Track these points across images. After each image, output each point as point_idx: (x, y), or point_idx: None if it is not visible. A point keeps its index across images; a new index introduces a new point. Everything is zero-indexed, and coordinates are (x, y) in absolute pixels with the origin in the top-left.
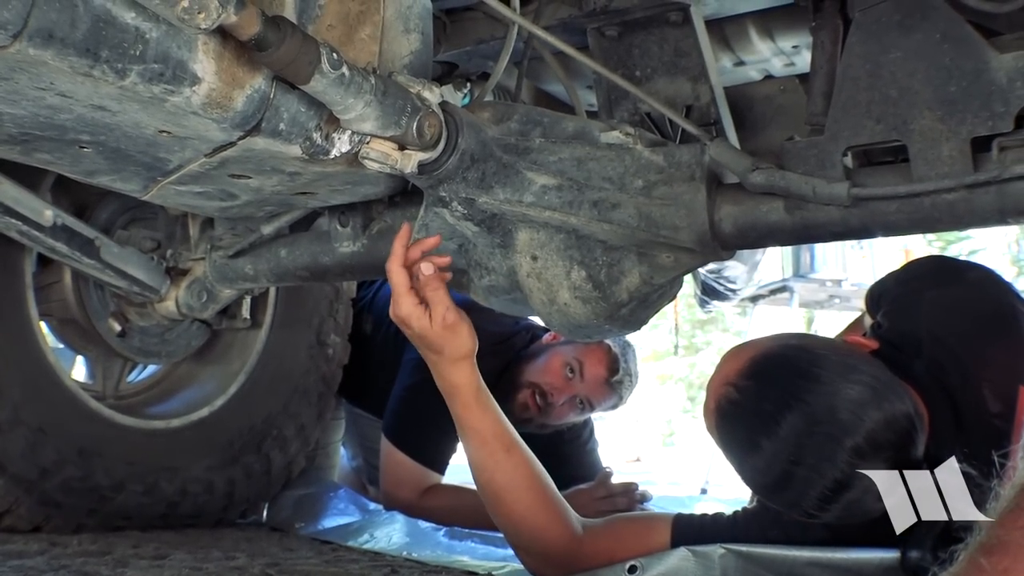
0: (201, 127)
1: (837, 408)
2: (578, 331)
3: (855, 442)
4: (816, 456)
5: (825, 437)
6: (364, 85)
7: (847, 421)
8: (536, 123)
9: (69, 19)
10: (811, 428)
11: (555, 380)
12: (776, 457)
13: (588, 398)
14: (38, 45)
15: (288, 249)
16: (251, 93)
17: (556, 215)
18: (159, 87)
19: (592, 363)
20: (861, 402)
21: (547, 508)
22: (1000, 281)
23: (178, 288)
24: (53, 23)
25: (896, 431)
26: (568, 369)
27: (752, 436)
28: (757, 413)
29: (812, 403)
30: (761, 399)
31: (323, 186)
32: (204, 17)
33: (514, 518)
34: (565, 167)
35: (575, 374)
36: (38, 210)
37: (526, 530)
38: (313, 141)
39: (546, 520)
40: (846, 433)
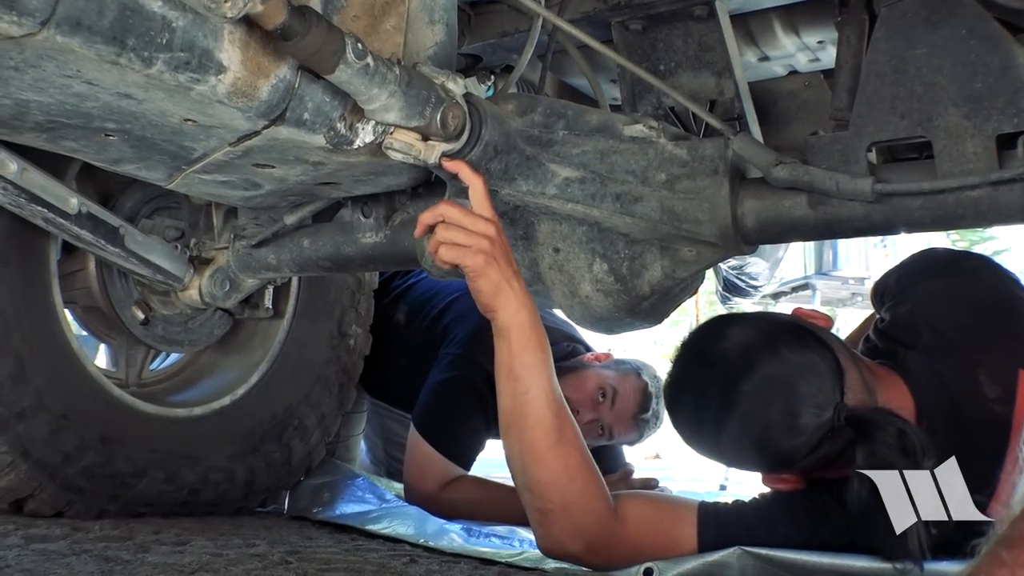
0: (226, 116)
1: (729, 351)
2: (599, 324)
3: (751, 381)
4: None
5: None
6: (388, 75)
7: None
8: (560, 116)
9: (97, 7)
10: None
11: (585, 399)
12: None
13: (611, 427)
14: (66, 33)
15: (311, 239)
16: (276, 82)
17: (579, 208)
18: (185, 75)
19: (626, 394)
20: (750, 343)
21: (590, 471)
22: (998, 268)
23: (201, 277)
24: (81, 11)
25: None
26: (601, 393)
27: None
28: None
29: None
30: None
31: (346, 176)
32: (230, 6)
33: (551, 476)
34: (588, 160)
35: (606, 399)
36: (63, 198)
37: (560, 491)
38: (337, 131)
39: (583, 483)
40: (739, 372)
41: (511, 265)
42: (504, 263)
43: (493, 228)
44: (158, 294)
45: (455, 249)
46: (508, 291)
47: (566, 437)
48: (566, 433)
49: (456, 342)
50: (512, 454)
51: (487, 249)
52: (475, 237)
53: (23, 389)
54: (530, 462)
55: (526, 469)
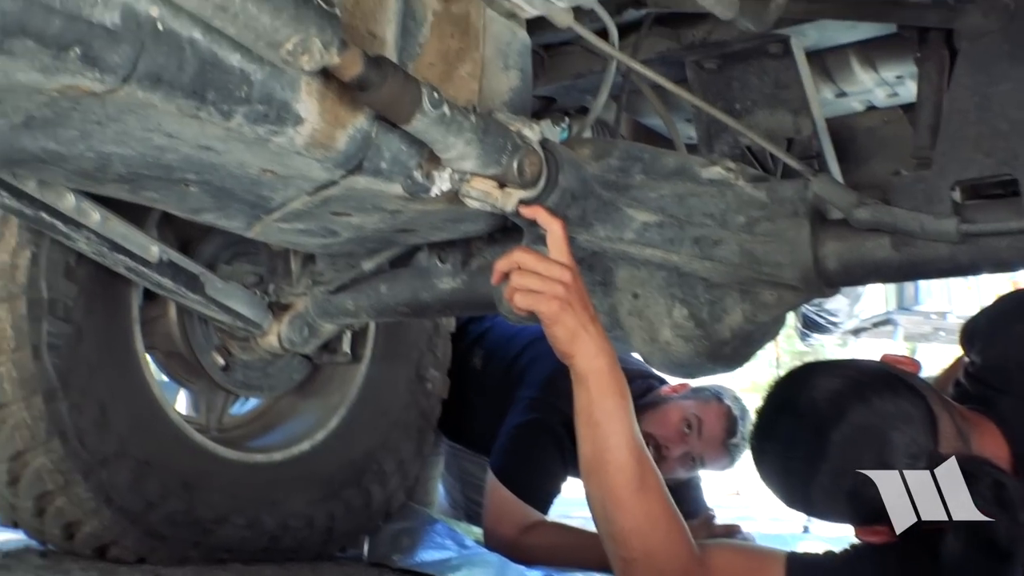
0: (304, 166)
1: (817, 401)
2: (679, 369)
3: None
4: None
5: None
6: (465, 124)
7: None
8: (636, 159)
9: (177, 62)
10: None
11: (671, 434)
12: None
13: (702, 456)
14: (147, 88)
15: (388, 285)
16: (353, 133)
17: (657, 252)
18: (263, 128)
19: (711, 422)
20: (839, 391)
21: (672, 518)
22: None
23: (280, 323)
24: (161, 66)
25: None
26: (686, 424)
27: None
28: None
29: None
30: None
31: (423, 223)
32: (308, 59)
33: (634, 524)
34: (666, 204)
35: (692, 430)
36: (145, 246)
37: (643, 539)
38: (414, 179)
39: (667, 531)
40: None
41: (587, 310)
42: (580, 308)
43: (568, 274)
44: (238, 340)
45: (530, 295)
46: (585, 336)
47: (648, 484)
48: (648, 479)
49: (532, 385)
50: (594, 501)
51: (562, 295)
52: (550, 283)
53: (106, 436)
54: (612, 510)
55: (608, 517)
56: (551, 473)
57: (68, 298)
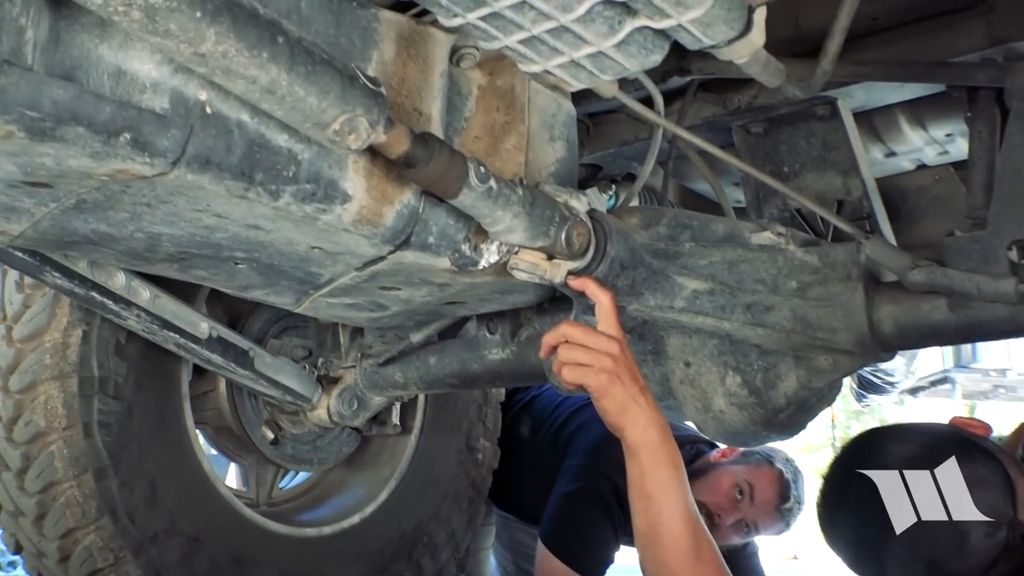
0: (352, 243)
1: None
2: (734, 438)
3: None
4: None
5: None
6: (512, 197)
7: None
8: (685, 226)
9: (225, 144)
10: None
11: (723, 501)
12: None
13: (755, 522)
14: (196, 171)
15: (437, 356)
16: (400, 209)
17: (708, 320)
18: (311, 206)
19: (763, 487)
20: (911, 458)
21: None
22: None
23: (329, 396)
24: (210, 149)
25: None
26: (738, 491)
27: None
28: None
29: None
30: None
31: (472, 296)
32: (355, 138)
33: None
34: (716, 271)
35: (744, 496)
36: (194, 323)
37: None
38: (462, 253)
39: None
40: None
41: (637, 382)
42: (629, 380)
43: (616, 346)
44: (287, 413)
45: (578, 369)
46: (635, 408)
47: (704, 556)
48: (703, 552)
49: (580, 452)
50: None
51: (610, 368)
52: (598, 356)
53: (156, 512)
54: None
55: None
56: (601, 541)
57: (119, 375)
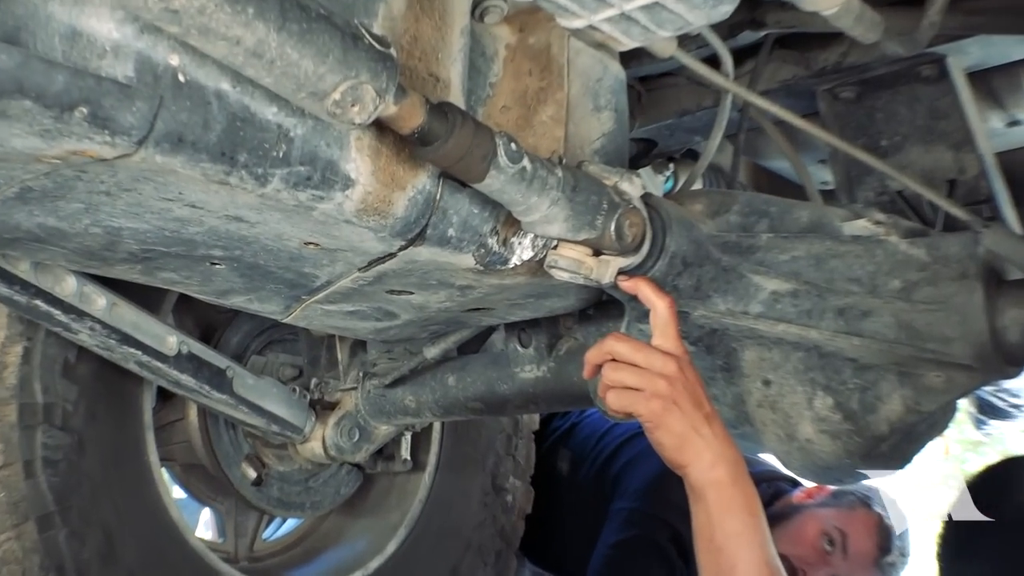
0: (355, 237)
1: None
2: (825, 474)
3: None
4: None
5: None
6: (549, 179)
7: None
8: (761, 214)
9: (201, 119)
10: None
11: (809, 552)
12: None
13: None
14: (166, 151)
15: (457, 376)
16: (414, 195)
17: (792, 328)
18: (306, 193)
19: (859, 536)
20: None
21: None
22: None
23: (325, 425)
24: (183, 125)
25: None
26: (827, 540)
27: None
28: None
29: None
30: None
31: (500, 300)
32: (359, 110)
33: None
34: (801, 268)
35: (835, 547)
36: (160, 336)
37: None
38: (488, 248)
39: None
40: None
41: (701, 407)
42: (691, 406)
43: (673, 364)
44: (273, 447)
45: (626, 394)
46: (698, 441)
47: None
48: None
49: (631, 494)
50: None
51: (665, 392)
52: (650, 378)
53: (113, 569)
54: None
55: None
56: None
57: (67, 402)
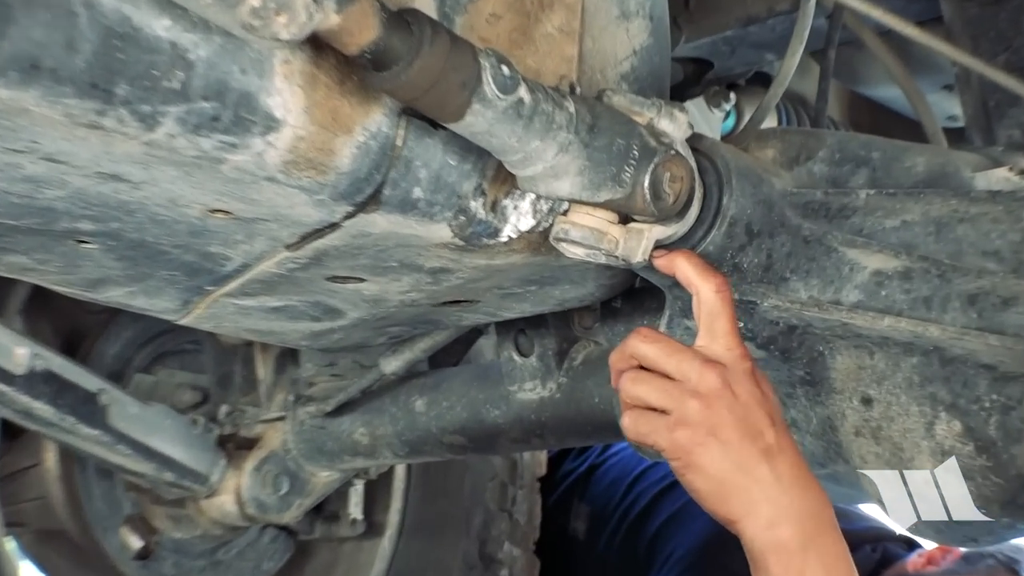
0: (281, 201)
1: None
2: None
3: None
4: None
5: None
6: (556, 117)
7: None
8: (860, 161)
9: (64, 38)
10: None
11: None
12: None
13: None
14: (14, 83)
15: (429, 398)
16: (365, 141)
17: (903, 323)
18: (211, 140)
19: None
20: None
21: None
22: None
23: (240, 472)
24: (38, 46)
25: None
26: None
27: None
28: None
29: None
30: None
31: (488, 290)
32: (286, 21)
33: None
34: (915, 237)
35: None
36: (4, 348)
37: None
38: (471, 215)
39: None
40: None
41: (756, 440)
42: (738, 437)
43: (713, 377)
44: (166, 505)
45: (645, 419)
46: (748, 489)
47: None
48: None
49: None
50: None
51: (695, 418)
52: (678, 396)
53: None
54: None
55: None
56: None
57: None
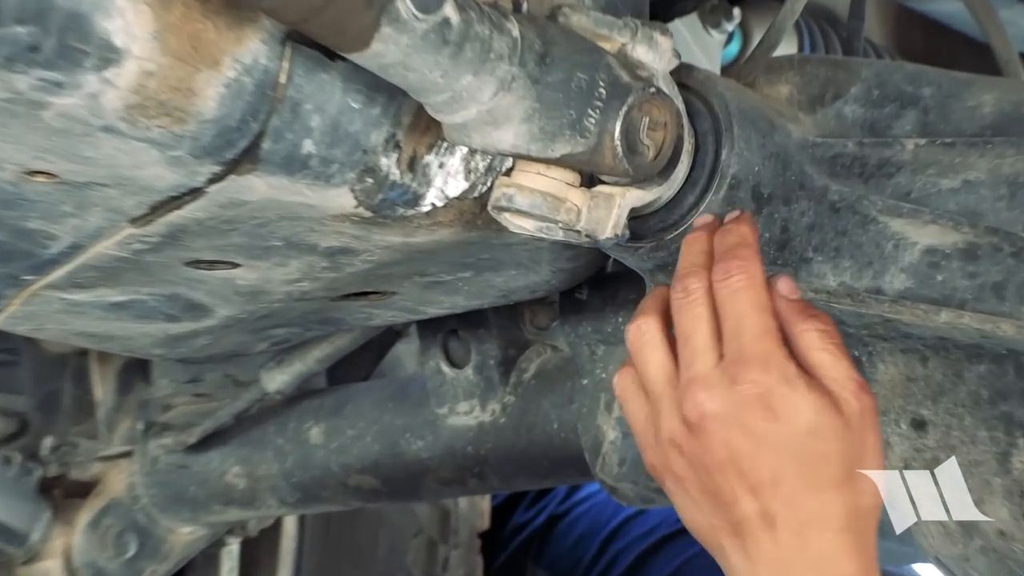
0: (124, 159)
1: None
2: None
3: None
4: None
5: None
6: (495, 43)
7: None
8: (907, 100)
9: None
10: None
11: None
12: None
13: None
14: None
15: (329, 425)
16: (236, 77)
17: (966, 318)
18: (28, 76)
19: None
20: None
21: None
22: None
23: (71, 528)
24: None
25: None
26: None
27: None
28: None
29: None
30: None
31: (406, 277)
32: None
33: None
34: (982, 202)
35: None
36: None
37: None
38: (380, 176)
39: None
40: None
41: (723, 510)
42: (704, 498)
43: (707, 404)
44: None
45: (636, 400)
46: (759, 538)
47: None
48: None
49: None
50: None
51: (664, 451)
52: (665, 403)
53: None
54: None
55: None
56: None
57: None
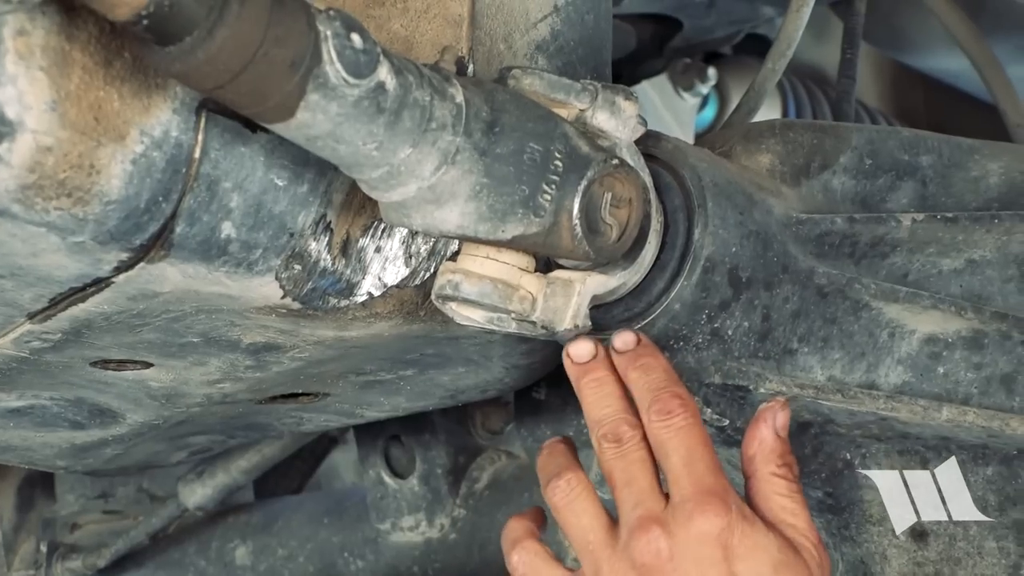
0: (18, 246)
1: None
2: None
3: None
4: None
5: None
6: (437, 110)
7: None
8: (903, 170)
9: None
10: None
11: None
12: None
13: None
14: None
15: (256, 544)
16: (145, 152)
17: (971, 415)
18: None
19: None
20: None
21: None
22: None
23: None
24: None
25: None
26: None
27: None
28: None
29: None
30: None
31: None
32: None
33: None
34: (988, 285)
35: None
36: None
37: None
38: (309, 262)
39: None
40: None
41: None
42: None
43: (656, 546)
44: None
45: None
46: None
47: None
48: None
49: None
50: None
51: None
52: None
53: None
54: None
55: None
56: None
57: None
